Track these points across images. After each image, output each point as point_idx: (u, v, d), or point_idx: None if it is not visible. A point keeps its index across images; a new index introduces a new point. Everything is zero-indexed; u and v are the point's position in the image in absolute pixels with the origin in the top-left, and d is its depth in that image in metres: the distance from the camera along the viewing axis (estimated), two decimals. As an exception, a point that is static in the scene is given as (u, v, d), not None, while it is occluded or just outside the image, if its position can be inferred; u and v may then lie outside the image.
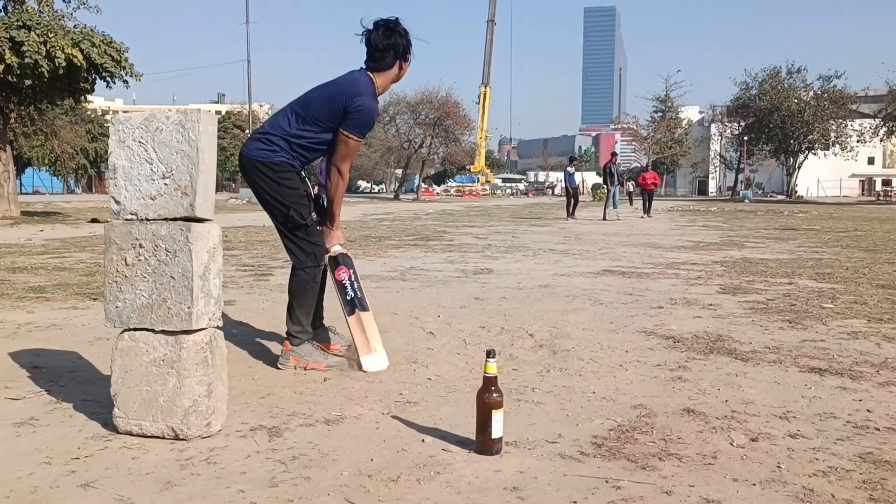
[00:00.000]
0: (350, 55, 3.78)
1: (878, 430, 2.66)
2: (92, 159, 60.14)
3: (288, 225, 3.43)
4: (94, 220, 16.99)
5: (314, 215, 3.53)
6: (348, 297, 3.59)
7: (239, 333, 4.23)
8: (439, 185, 76.60)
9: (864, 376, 3.38)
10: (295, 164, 3.41)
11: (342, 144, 3.40)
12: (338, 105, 3.34)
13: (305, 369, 3.45)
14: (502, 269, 7.73)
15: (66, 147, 52.32)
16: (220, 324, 2.62)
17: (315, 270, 3.49)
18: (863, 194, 69.74)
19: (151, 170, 2.47)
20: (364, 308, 3.61)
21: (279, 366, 3.50)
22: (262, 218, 19.51)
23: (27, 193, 57.38)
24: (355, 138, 3.40)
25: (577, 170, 20.98)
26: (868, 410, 2.88)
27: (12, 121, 21.27)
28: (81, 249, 9.81)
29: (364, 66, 3.49)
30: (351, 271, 3.64)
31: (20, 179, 56.31)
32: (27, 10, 16.14)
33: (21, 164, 51.34)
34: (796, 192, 57.85)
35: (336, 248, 3.63)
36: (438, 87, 51.62)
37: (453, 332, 4.36)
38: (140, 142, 2.48)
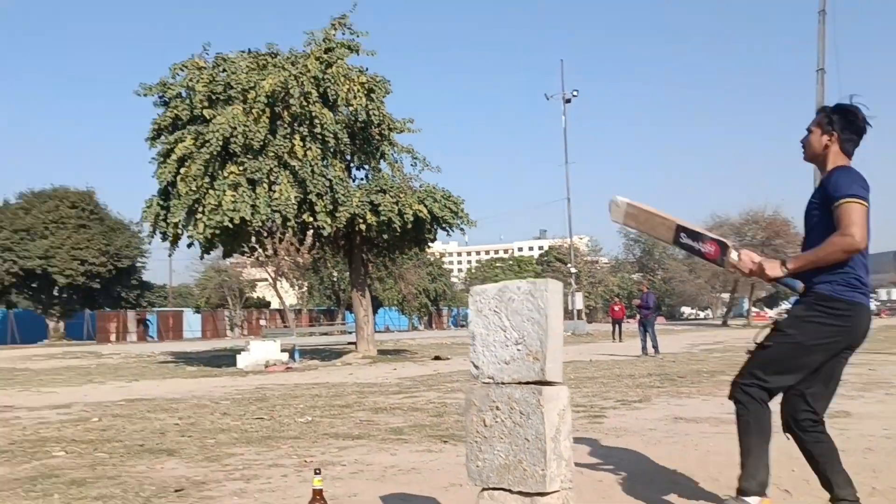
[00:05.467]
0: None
1: None
2: (432, 298, 66.47)
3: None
4: (436, 358, 18.54)
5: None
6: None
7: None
8: (772, 308, 70.97)
9: None
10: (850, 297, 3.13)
11: (840, 217, 3.01)
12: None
13: None
14: (860, 412, 6.82)
15: (410, 288, 58.87)
16: (572, 486, 2.68)
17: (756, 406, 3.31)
18: None
19: (505, 336, 2.69)
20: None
21: None
22: (588, 351, 19.65)
23: (380, 331, 64.76)
24: (852, 200, 2.99)
25: None
26: None
27: (370, 269, 24.44)
28: (429, 388, 10.71)
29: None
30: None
31: (374, 318, 64.05)
32: (383, 177, 18.90)
33: (375, 304, 58.61)
34: None
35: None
36: (765, 205, 49.07)
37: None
38: (495, 311, 2.73)
